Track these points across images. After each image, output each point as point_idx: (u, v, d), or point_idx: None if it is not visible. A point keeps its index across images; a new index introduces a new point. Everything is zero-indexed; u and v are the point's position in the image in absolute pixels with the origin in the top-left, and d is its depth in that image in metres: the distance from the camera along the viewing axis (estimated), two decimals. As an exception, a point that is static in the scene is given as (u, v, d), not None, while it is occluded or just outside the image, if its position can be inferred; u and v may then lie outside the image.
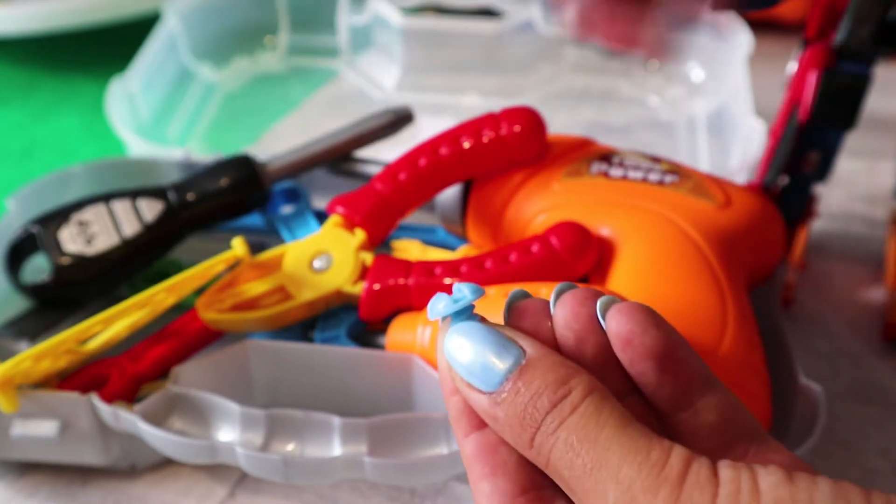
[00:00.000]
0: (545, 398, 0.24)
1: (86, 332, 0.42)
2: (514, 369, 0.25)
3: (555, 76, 0.75)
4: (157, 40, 0.69)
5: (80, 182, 0.55)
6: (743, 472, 0.22)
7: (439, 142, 0.46)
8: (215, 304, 0.43)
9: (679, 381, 0.26)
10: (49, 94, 0.77)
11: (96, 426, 0.41)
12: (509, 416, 0.24)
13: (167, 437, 0.39)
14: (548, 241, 0.42)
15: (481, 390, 0.25)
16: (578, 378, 0.24)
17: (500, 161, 0.46)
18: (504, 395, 0.24)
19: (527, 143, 0.45)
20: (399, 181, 0.45)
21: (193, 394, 0.40)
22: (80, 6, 0.73)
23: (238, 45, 0.78)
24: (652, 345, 0.25)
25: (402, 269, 0.43)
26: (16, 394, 0.40)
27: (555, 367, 0.25)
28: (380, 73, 0.75)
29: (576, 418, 0.24)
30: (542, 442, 0.24)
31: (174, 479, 0.44)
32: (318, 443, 0.39)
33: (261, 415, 0.39)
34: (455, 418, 0.27)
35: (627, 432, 0.23)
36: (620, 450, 0.23)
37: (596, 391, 0.24)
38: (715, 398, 0.26)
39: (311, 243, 0.45)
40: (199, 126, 0.71)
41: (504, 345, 0.25)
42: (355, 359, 0.42)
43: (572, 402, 0.24)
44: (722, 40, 0.70)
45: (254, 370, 0.43)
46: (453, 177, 0.46)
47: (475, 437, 0.26)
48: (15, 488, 0.44)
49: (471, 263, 0.42)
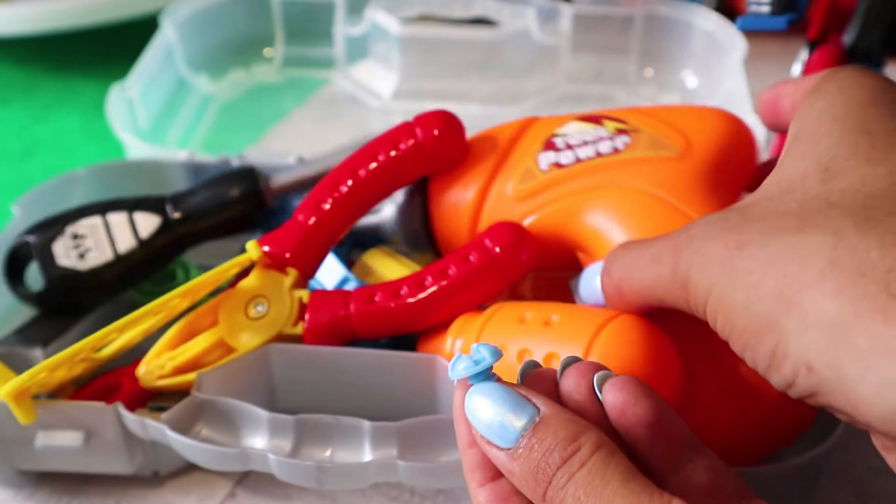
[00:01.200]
0: (556, 454, 0.26)
1: (101, 340, 0.41)
2: (530, 427, 0.26)
3: (551, 83, 0.75)
4: (155, 50, 0.69)
5: (84, 186, 0.54)
6: None
7: (357, 161, 0.45)
8: (156, 371, 0.42)
9: (670, 445, 0.28)
10: (49, 95, 0.77)
11: (121, 435, 0.41)
12: (524, 471, 0.26)
13: (197, 446, 0.38)
14: (484, 246, 0.41)
15: (499, 447, 0.27)
16: (588, 435, 0.26)
17: (423, 167, 0.45)
18: (520, 451, 0.26)
19: (446, 145, 0.44)
20: (323, 211, 0.44)
21: (220, 400, 0.40)
22: (81, 6, 0.73)
23: (234, 56, 0.78)
24: (643, 414, 0.28)
25: (341, 300, 0.42)
26: (32, 404, 0.39)
27: (566, 424, 0.26)
28: (377, 81, 0.75)
29: (584, 473, 0.25)
30: (553, 496, 0.26)
31: (174, 481, 0.44)
32: (348, 447, 0.39)
33: (290, 420, 0.39)
34: (469, 469, 0.29)
35: (630, 486, 0.25)
36: (623, 502, 0.24)
37: (604, 447, 0.26)
38: (703, 462, 0.28)
39: (245, 290, 0.43)
40: (196, 137, 0.70)
41: (520, 404, 0.27)
42: (379, 360, 0.42)
43: (581, 458, 0.26)
44: (715, 46, 0.71)
45: (276, 374, 0.43)
46: (378, 194, 0.45)
47: (489, 486, 0.28)
48: (15, 489, 0.44)
49: (411, 283, 0.41)
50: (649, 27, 0.74)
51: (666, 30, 0.75)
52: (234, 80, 0.77)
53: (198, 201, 0.48)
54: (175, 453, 0.40)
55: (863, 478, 0.44)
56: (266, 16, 0.78)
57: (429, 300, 0.41)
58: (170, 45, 0.71)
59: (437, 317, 0.41)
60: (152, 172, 0.56)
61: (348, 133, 0.71)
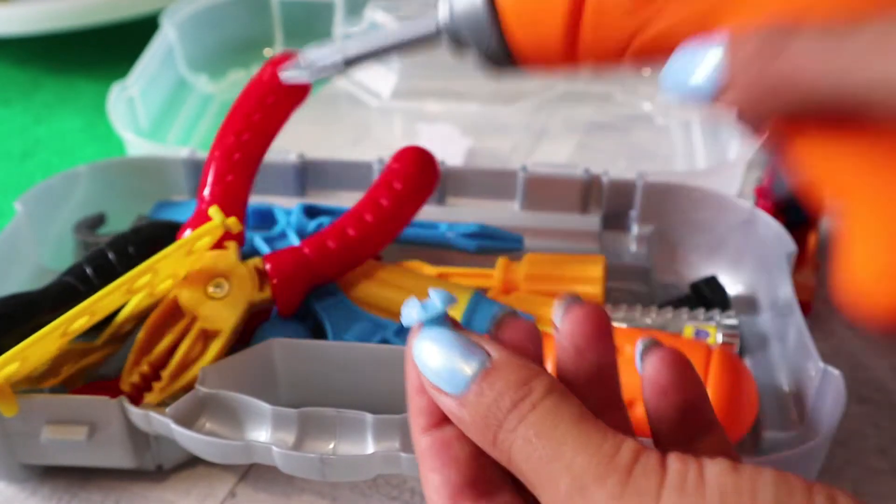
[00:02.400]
0: (507, 398, 0.25)
1: (70, 322, 0.40)
2: (480, 372, 0.26)
3: (550, 82, 0.76)
4: (155, 50, 0.69)
5: (85, 183, 0.55)
6: (690, 462, 0.23)
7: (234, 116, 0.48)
8: (164, 391, 0.42)
9: (691, 428, 0.28)
10: (50, 95, 0.77)
11: (125, 429, 0.41)
12: (474, 416, 0.25)
13: (202, 439, 0.39)
14: (402, 172, 0.47)
15: (448, 393, 0.26)
16: (539, 379, 0.25)
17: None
18: (470, 397, 0.26)
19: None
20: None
21: (224, 394, 0.40)
22: (81, 7, 0.73)
23: (234, 56, 0.78)
24: (684, 399, 0.27)
25: (296, 250, 0.45)
26: (13, 396, 0.39)
27: (518, 369, 0.26)
28: (376, 81, 0.76)
29: (535, 415, 0.25)
30: (504, 439, 0.25)
31: (175, 478, 0.44)
32: (351, 440, 0.40)
33: (293, 414, 0.39)
34: (414, 414, 0.28)
35: (581, 427, 0.24)
36: (574, 442, 0.24)
37: (556, 391, 0.25)
38: (713, 439, 0.28)
39: (198, 276, 0.43)
40: (196, 137, 0.71)
41: (470, 349, 0.26)
42: (381, 354, 0.43)
43: (532, 400, 0.25)
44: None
45: (279, 368, 0.43)
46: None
47: (432, 433, 0.27)
48: (15, 488, 0.44)
49: (352, 220, 0.46)
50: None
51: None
52: (234, 80, 0.77)
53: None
54: (179, 447, 0.40)
55: (863, 478, 0.45)
56: (266, 16, 0.78)
57: (371, 230, 0.46)
58: (170, 45, 0.72)
59: (380, 243, 0.47)
60: (154, 170, 0.56)
61: (348, 133, 0.71)
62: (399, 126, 0.73)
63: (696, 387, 0.28)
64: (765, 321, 0.51)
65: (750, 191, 0.59)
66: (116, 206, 0.56)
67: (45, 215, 0.53)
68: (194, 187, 0.57)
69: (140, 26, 0.76)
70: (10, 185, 0.66)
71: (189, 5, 0.74)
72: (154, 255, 0.42)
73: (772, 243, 0.50)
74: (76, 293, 0.45)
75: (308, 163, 0.57)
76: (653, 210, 0.55)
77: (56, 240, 0.53)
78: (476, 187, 0.57)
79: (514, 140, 0.71)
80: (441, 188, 0.56)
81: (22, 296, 0.44)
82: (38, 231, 0.52)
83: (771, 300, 0.50)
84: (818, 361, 0.42)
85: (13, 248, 0.50)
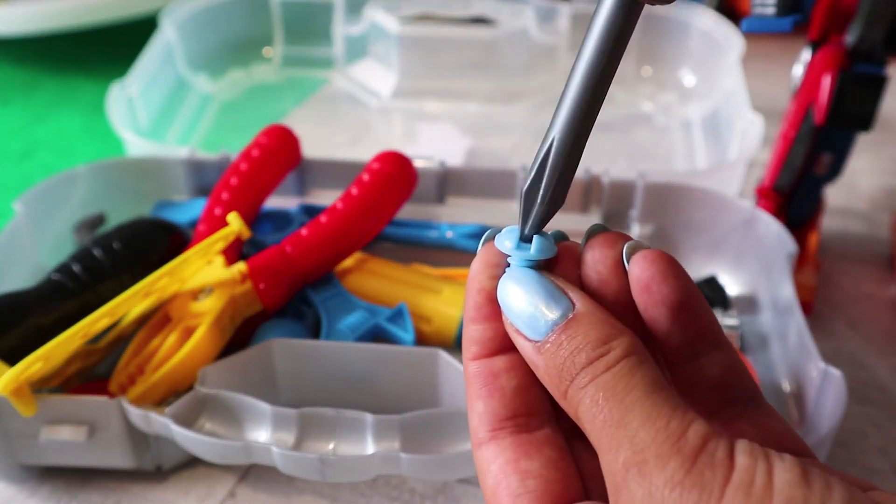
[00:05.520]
0: (584, 354, 0.24)
1: (91, 326, 0.41)
2: (562, 321, 0.25)
3: (549, 82, 0.76)
4: (154, 50, 0.69)
5: (85, 182, 0.54)
6: (760, 461, 0.22)
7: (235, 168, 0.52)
8: (144, 383, 0.42)
9: (688, 333, 0.26)
10: (50, 95, 0.77)
11: (125, 430, 0.41)
12: (549, 365, 0.25)
13: (201, 440, 0.39)
14: (362, 181, 0.49)
15: (528, 337, 0.25)
16: (620, 339, 0.24)
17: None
18: (548, 346, 0.25)
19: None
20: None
21: (223, 395, 0.40)
22: (81, 6, 0.73)
23: (234, 56, 0.78)
24: (668, 293, 0.26)
25: (277, 247, 0.46)
26: (32, 397, 0.39)
27: (600, 324, 0.25)
28: (375, 81, 0.76)
29: (608, 376, 0.24)
30: (574, 395, 0.24)
31: (175, 478, 0.44)
32: (351, 440, 0.40)
33: (292, 414, 0.39)
34: (468, 341, 0.27)
35: (653, 398, 0.23)
36: (641, 413, 0.23)
37: (634, 354, 0.24)
38: (721, 356, 0.26)
39: (186, 292, 0.45)
40: (196, 136, 0.71)
41: (555, 296, 0.25)
42: (381, 354, 0.42)
43: (608, 361, 0.24)
44: (713, 45, 0.71)
45: (278, 368, 0.43)
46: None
47: (482, 361, 0.27)
48: (15, 488, 0.44)
49: (328, 212, 0.48)
50: (647, 26, 0.75)
51: (664, 29, 0.75)
52: (233, 80, 0.77)
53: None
54: (178, 447, 0.40)
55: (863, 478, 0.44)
56: (265, 16, 0.78)
57: (345, 218, 0.47)
58: (169, 44, 0.72)
59: (356, 234, 0.48)
60: (153, 170, 0.56)
61: (348, 132, 0.71)
62: (399, 126, 0.73)
63: (686, 289, 0.26)
64: (765, 321, 0.51)
65: (750, 191, 0.59)
66: (116, 206, 0.55)
67: (44, 215, 0.52)
68: (194, 187, 0.57)
69: (139, 26, 0.76)
70: (9, 185, 0.66)
71: (188, 5, 0.73)
72: (174, 259, 0.43)
73: (772, 243, 0.50)
74: (66, 291, 0.45)
75: (308, 163, 0.57)
76: (653, 210, 0.55)
77: (55, 240, 0.53)
78: (476, 187, 0.57)
79: (514, 140, 0.71)
80: (441, 188, 0.56)
81: (12, 296, 0.44)
82: (37, 231, 0.52)
83: (771, 300, 0.50)
84: (819, 361, 0.42)
85: (13, 248, 0.50)
